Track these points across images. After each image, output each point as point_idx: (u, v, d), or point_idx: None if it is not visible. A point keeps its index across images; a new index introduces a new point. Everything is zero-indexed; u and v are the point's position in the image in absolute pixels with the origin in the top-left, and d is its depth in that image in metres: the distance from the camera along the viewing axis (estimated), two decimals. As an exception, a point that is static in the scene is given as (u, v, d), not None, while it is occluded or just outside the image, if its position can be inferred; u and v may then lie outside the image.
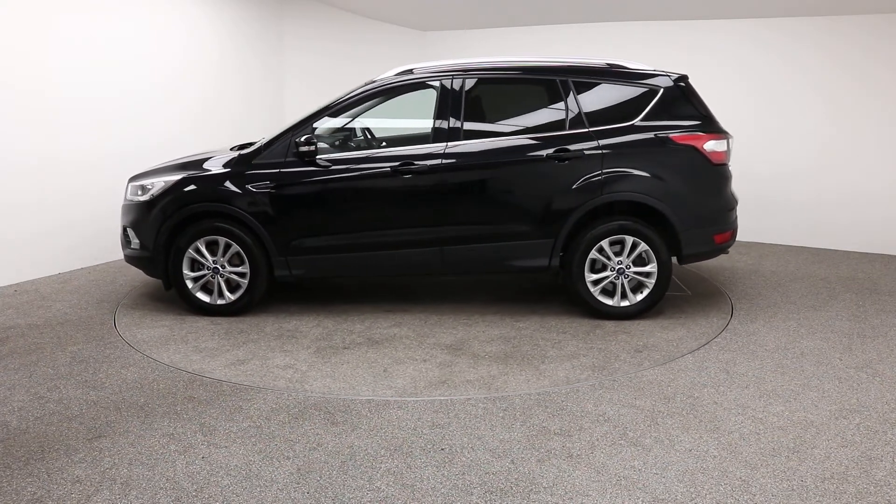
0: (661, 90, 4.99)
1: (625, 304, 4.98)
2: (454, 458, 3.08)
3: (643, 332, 4.75)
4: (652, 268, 4.91)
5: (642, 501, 2.75)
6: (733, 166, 5.33)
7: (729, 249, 5.29)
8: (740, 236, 5.67)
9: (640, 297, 4.97)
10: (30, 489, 2.84)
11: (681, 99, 4.99)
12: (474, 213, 4.97)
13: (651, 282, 4.94)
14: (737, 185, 5.38)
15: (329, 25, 8.90)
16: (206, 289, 5.13)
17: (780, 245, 7.78)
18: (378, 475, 2.94)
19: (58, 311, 5.21)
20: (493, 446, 3.18)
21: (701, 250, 5.05)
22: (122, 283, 6.00)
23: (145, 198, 5.13)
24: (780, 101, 7.75)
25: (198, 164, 5.21)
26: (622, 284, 4.96)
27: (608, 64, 5.13)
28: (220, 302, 5.10)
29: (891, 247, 7.34)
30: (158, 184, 5.12)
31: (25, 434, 3.30)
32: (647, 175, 4.86)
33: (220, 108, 7.76)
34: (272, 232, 4.97)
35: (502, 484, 2.87)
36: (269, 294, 5.60)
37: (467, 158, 4.93)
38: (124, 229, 5.29)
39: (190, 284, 5.09)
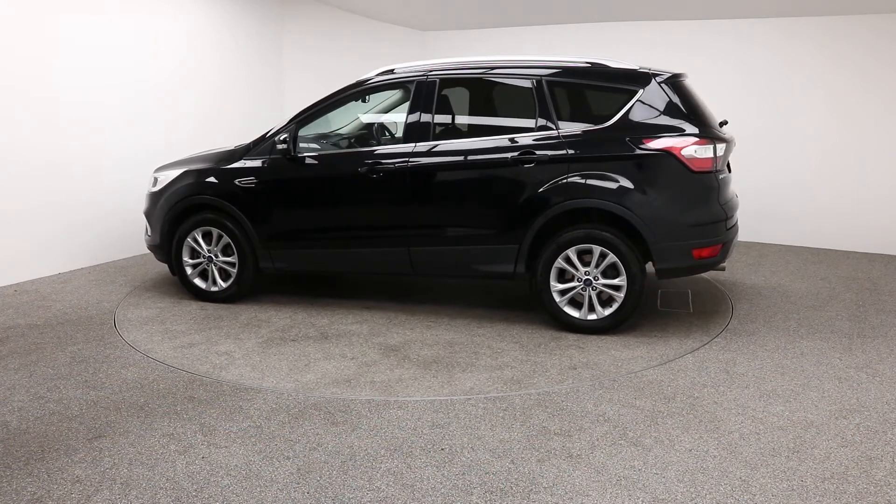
0: (641, 91, 4.61)
1: (592, 317, 4.65)
2: (454, 458, 3.08)
3: (598, 348, 4.44)
4: (621, 281, 4.56)
5: (642, 501, 2.75)
6: (734, 166, 5.30)
7: (724, 265, 4.87)
8: (741, 236, 5.57)
9: (608, 311, 4.63)
10: (30, 489, 2.84)
11: (664, 100, 4.59)
12: (439, 214, 4.91)
13: (620, 295, 4.58)
14: (737, 185, 5.34)
15: (330, 25, 8.90)
16: (206, 276, 5.48)
17: (780, 245, 7.78)
18: (378, 475, 2.94)
19: (58, 311, 5.21)
20: (493, 446, 3.18)
21: (677, 265, 4.61)
22: (121, 283, 6.00)
23: (156, 189, 5.57)
24: (781, 101, 7.75)
25: (207, 158, 5.53)
26: (589, 296, 4.64)
27: (589, 63, 4.82)
28: (213, 289, 5.43)
29: (891, 247, 7.34)
30: (168, 176, 5.52)
31: (25, 434, 3.30)
32: (615, 182, 4.52)
33: (224, 108, 7.75)
34: (255, 225, 5.22)
35: (502, 484, 2.87)
36: (283, 284, 5.63)
37: (433, 159, 4.87)
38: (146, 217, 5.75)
39: (189, 271, 5.45)
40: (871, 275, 6.42)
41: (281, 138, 5.12)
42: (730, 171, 5.01)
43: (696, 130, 4.53)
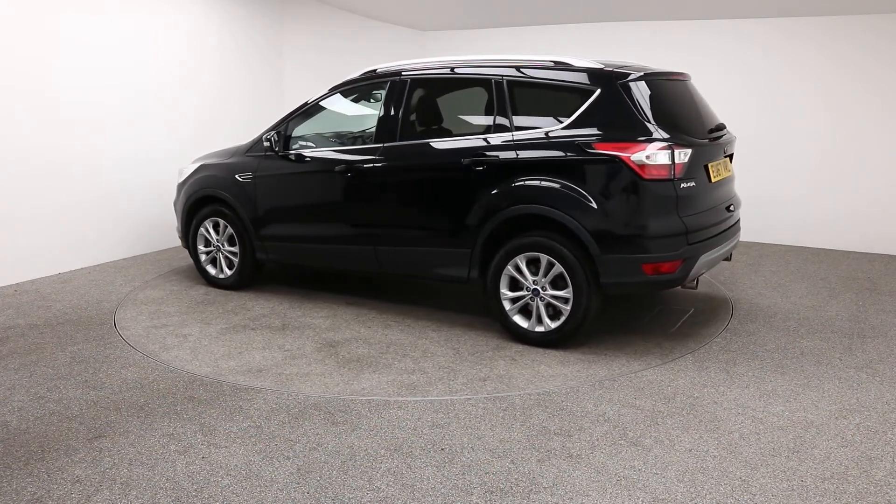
0: (599, 91, 4.26)
1: (540, 329, 4.39)
2: (454, 458, 3.08)
3: (531, 362, 4.20)
4: (567, 293, 4.27)
5: (642, 501, 2.75)
6: (736, 166, 5.26)
7: (694, 283, 4.52)
8: (741, 236, 5.52)
9: (555, 324, 4.35)
10: (30, 489, 2.84)
11: (626, 101, 4.22)
12: (400, 215, 4.93)
13: (567, 308, 4.29)
14: (736, 185, 5.32)
15: (330, 25, 8.90)
16: (216, 263, 5.84)
17: (780, 245, 7.78)
18: (378, 475, 2.94)
19: (58, 311, 5.21)
20: (493, 446, 3.19)
21: (625, 280, 4.19)
22: (121, 282, 5.99)
23: (180, 180, 5.98)
24: (781, 101, 7.74)
25: (222, 154, 5.88)
26: (537, 307, 4.39)
27: (553, 61, 4.51)
28: (220, 276, 5.79)
29: (891, 247, 7.34)
30: (190, 168, 5.92)
31: (25, 434, 3.30)
32: (561, 187, 4.25)
33: (224, 108, 7.74)
34: (251, 217, 5.50)
35: (502, 484, 2.87)
36: (290, 277, 5.77)
37: (395, 160, 4.88)
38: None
39: (202, 258, 5.85)
40: (871, 275, 6.42)
41: (268, 136, 5.34)
42: (710, 181, 4.51)
43: (661, 135, 4.13)
